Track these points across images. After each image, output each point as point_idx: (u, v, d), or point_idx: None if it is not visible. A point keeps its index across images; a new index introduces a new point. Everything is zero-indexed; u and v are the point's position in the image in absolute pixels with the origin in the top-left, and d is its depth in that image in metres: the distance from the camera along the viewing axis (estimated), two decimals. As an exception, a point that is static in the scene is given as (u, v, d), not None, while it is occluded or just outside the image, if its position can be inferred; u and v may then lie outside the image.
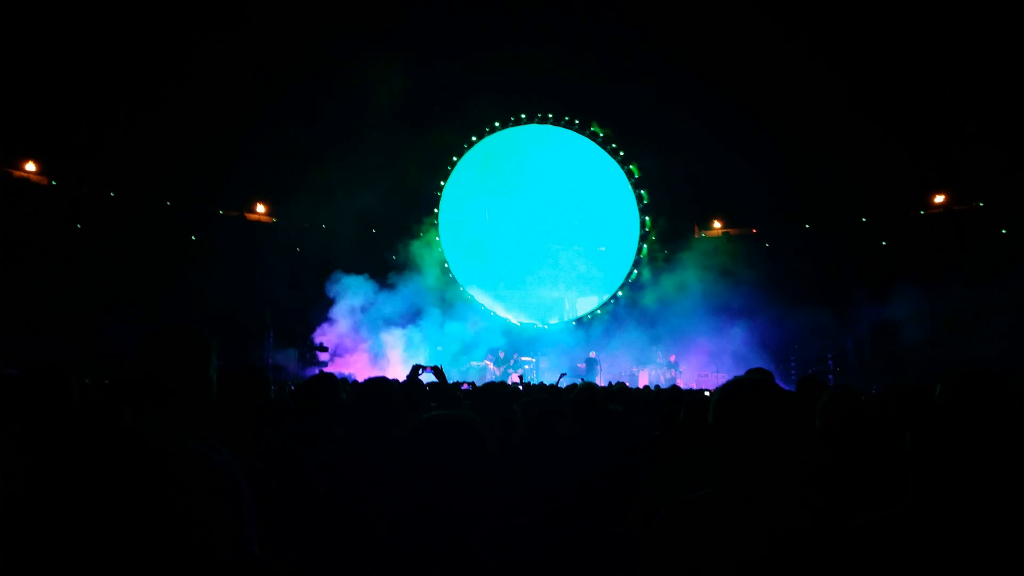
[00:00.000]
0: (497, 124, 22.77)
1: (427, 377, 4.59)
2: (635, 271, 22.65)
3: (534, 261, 23.10)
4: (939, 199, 19.34)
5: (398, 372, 16.16)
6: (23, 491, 1.78)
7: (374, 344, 19.26)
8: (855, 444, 2.76)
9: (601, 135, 23.00)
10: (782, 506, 1.80)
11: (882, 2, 17.09)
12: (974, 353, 14.51)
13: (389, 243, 21.42)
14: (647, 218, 22.84)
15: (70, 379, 2.58)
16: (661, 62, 19.24)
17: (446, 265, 22.25)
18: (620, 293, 22.65)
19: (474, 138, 22.82)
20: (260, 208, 21.40)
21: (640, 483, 3.06)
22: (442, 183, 22.82)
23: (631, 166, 23.01)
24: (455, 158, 22.84)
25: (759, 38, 17.84)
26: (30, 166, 17.34)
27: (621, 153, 23.04)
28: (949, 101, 17.01)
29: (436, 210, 22.61)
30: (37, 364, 2.58)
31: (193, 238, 19.59)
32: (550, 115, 22.99)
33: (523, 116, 22.91)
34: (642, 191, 22.94)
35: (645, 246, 22.75)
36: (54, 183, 17.55)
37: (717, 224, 22.82)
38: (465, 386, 7.78)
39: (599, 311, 22.63)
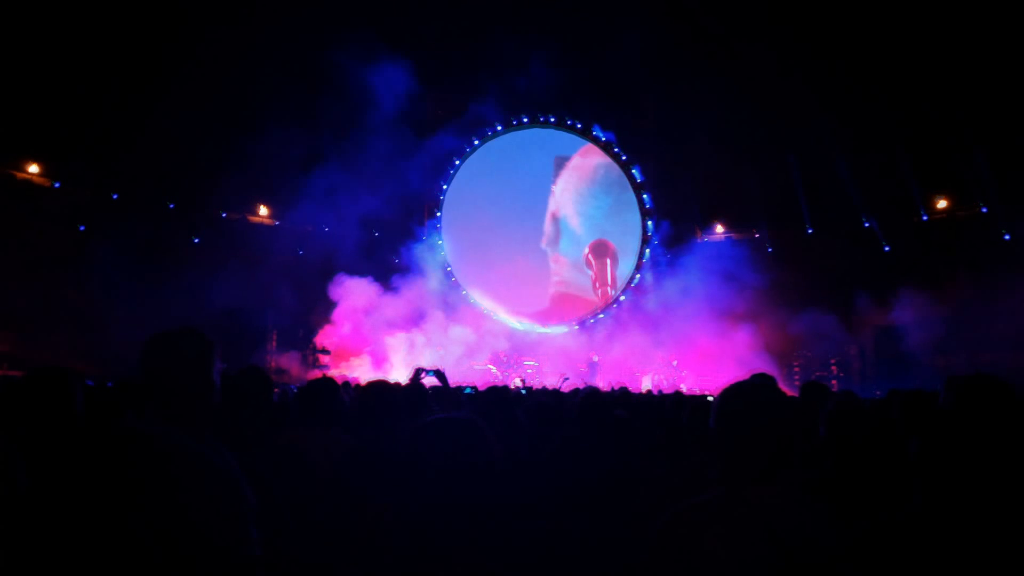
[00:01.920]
0: (499, 127, 22.79)
1: (429, 380, 4.58)
2: (637, 274, 22.65)
3: (536, 263, 23.11)
4: (941, 204, 19.32)
5: (400, 375, 16.15)
6: (26, 493, 1.78)
7: (376, 347, 19.26)
8: (859, 450, 2.75)
9: (603, 138, 23.00)
10: (785, 511, 1.79)
11: (885, 4, 17.09)
12: (978, 358, 14.48)
13: (391, 246, 21.41)
14: (649, 221, 22.84)
15: (73, 382, 2.58)
16: (663, 64, 19.25)
17: (448, 268, 22.24)
18: (622, 296, 22.65)
19: (476, 141, 22.83)
20: (263, 210, 21.43)
21: (643, 487, 3.05)
22: (444, 186, 22.83)
23: (633, 170, 23.01)
24: (457, 160, 22.85)
25: (761, 40, 17.84)
26: (33, 168, 17.38)
27: (623, 157, 23.04)
28: (951, 105, 16.99)
29: (438, 213, 22.62)
30: (40, 367, 2.58)
31: (195, 240, 19.62)
32: (552, 118, 23.01)
33: (525, 119, 22.93)
34: (644, 194, 22.94)
35: (647, 249, 22.75)
36: (57, 185, 17.58)
37: (719, 228, 22.81)
38: (468, 389, 7.77)
39: (601, 314, 22.63)
